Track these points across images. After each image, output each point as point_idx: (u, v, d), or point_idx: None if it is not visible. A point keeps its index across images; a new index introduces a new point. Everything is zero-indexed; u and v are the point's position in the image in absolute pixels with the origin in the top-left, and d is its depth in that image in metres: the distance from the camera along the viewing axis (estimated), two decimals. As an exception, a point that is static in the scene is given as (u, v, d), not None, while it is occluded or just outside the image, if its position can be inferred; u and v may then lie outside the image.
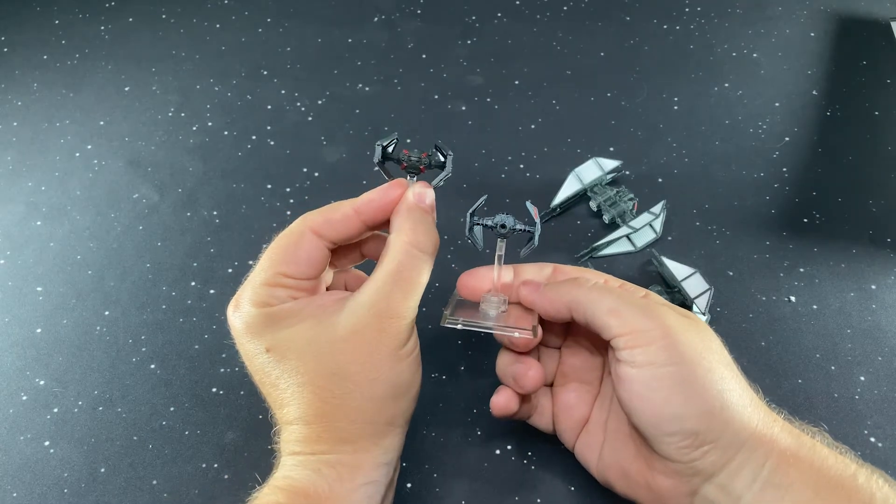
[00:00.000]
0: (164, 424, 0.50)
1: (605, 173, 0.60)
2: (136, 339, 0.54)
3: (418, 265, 0.38)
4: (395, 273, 0.37)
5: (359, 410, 0.36)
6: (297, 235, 0.39)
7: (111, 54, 0.73)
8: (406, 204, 0.39)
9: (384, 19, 0.76)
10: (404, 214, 0.39)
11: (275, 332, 0.37)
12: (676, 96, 0.69)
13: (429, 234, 0.38)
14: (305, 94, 0.69)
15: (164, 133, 0.67)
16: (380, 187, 0.40)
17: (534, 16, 0.76)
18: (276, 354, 0.36)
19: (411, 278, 0.37)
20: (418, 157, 0.40)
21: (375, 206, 0.39)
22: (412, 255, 0.37)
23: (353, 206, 0.39)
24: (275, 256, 0.39)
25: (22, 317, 0.56)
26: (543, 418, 0.45)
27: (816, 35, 0.74)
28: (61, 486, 0.48)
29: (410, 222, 0.38)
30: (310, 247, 0.39)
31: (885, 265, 0.58)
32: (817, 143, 0.65)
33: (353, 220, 0.39)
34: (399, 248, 0.38)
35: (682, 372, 0.35)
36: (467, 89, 0.70)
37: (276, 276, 0.38)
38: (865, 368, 0.52)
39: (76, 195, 0.63)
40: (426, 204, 0.40)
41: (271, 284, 0.38)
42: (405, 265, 0.37)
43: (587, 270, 0.44)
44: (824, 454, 0.35)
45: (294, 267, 0.38)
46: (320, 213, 0.40)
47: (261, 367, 0.37)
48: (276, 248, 0.39)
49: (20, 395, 0.52)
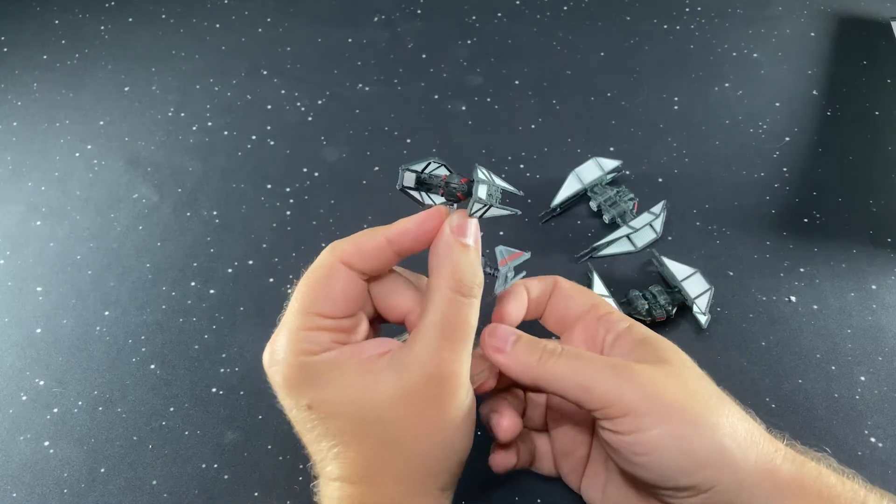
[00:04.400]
0: (163, 424, 0.50)
1: (606, 173, 0.60)
2: (135, 339, 0.54)
3: (464, 312, 0.34)
4: (440, 326, 0.33)
5: (407, 474, 0.34)
6: (327, 269, 0.35)
7: (111, 54, 0.73)
8: (444, 240, 0.34)
9: (384, 19, 0.76)
10: (443, 253, 0.34)
11: (317, 387, 0.33)
12: (676, 96, 0.69)
13: (472, 272, 0.34)
14: (305, 94, 0.69)
15: (164, 133, 0.67)
16: (416, 216, 0.35)
17: (534, 16, 0.76)
18: (318, 413, 0.33)
19: (458, 329, 0.34)
20: (458, 184, 0.35)
21: (412, 238, 0.35)
22: (456, 303, 0.34)
23: (385, 237, 0.35)
24: (308, 295, 0.35)
25: (22, 317, 0.56)
26: (545, 463, 0.44)
27: (816, 35, 0.74)
28: (61, 486, 0.48)
29: (450, 263, 0.34)
30: (344, 281, 0.35)
31: (886, 265, 0.58)
32: (817, 143, 0.65)
33: (385, 251, 0.35)
34: (441, 295, 0.33)
35: (670, 432, 0.33)
36: (467, 89, 0.70)
37: (312, 317, 0.34)
38: (866, 368, 0.52)
39: (76, 195, 0.63)
40: (467, 238, 0.34)
41: (309, 328, 0.34)
42: (450, 316, 0.33)
43: (585, 291, 0.42)
44: (831, 482, 0.34)
45: (330, 305, 0.34)
46: (351, 242, 0.35)
47: (301, 422, 0.34)
48: (307, 285, 0.35)
49: (20, 395, 0.52)
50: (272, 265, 0.57)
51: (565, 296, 0.41)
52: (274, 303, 0.53)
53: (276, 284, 0.56)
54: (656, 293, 0.54)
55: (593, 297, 0.41)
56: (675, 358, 0.36)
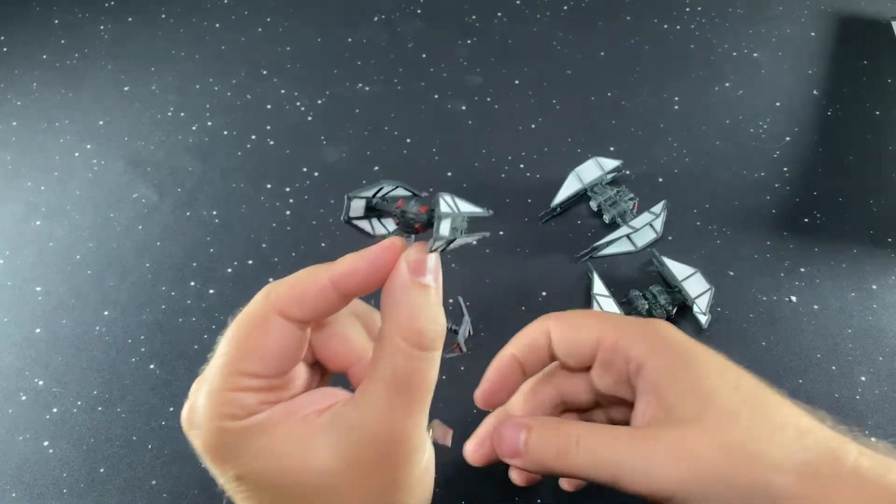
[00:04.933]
0: (163, 424, 0.50)
1: (606, 173, 0.60)
2: (135, 339, 0.54)
3: (421, 369, 0.28)
4: (392, 384, 0.28)
5: None
6: (259, 319, 0.29)
7: (111, 54, 0.73)
8: (399, 280, 0.28)
9: (384, 19, 0.76)
10: (398, 296, 0.28)
11: (243, 458, 0.28)
12: (677, 96, 0.69)
13: (432, 320, 0.28)
14: (305, 94, 0.69)
15: (164, 133, 0.67)
16: (365, 252, 0.29)
17: (534, 15, 0.76)
18: (248, 485, 0.28)
19: (414, 387, 0.28)
20: (416, 213, 0.29)
21: (361, 279, 0.28)
22: (412, 357, 0.28)
23: (330, 278, 0.29)
24: (234, 351, 0.29)
25: (21, 317, 0.56)
26: None
27: (817, 35, 0.74)
28: (60, 486, 0.47)
29: (406, 308, 0.28)
30: (278, 335, 0.29)
31: (886, 265, 0.58)
32: (818, 143, 0.65)
33: (329, 295, 0.29)
34: (394, 347, 0.28)
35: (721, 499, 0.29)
36: (467, 89, 0.70)
37: (237, 377, 0.28)
38: (866, 368, 0.52)
39: (75, 195, 0.63)
40: (426, 277, 0.28)
41: (233, 389, 0.28)
42: (405, 373, 0.28)
43: (583, 325, 0.37)
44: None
45: (260, 363, 0.29)
46: (289, 286, 0.29)
47: (231, 491, 0.29)
48: (236, 336, 0.29)
49: (19, 395, 0.52)
50: (272, 265, 0.57)
51: (565, 339, 0.36)
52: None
53: (275, 284, 0.56)
54: (656, 293, 0.54)
55: (595, 328, 0.36)
56: (699, 394, 0.32)
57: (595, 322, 0.36)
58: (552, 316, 0.38)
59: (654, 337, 0.34)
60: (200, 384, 0.29)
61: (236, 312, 0.30)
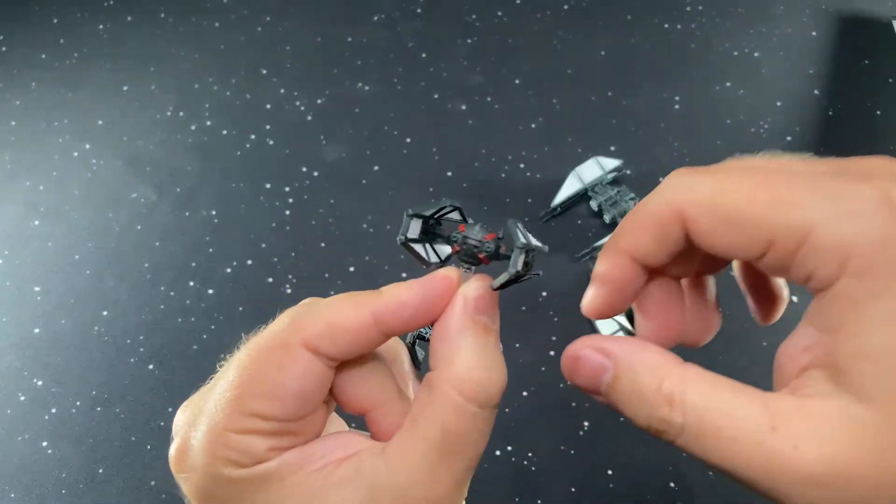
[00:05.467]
0: (162, 425, 0.50)
1: (606, 172, 0.60)
2: (134, 339, 0.54)
3: (476, 428, 0.23)
4: (438, 445, 0.23)
5: None
6: (282, 351, 0.24)
7: (110, 53, 0.73)
8: (456, 319, 0.24)
9: (384, 19, 0.75)
10: (455, 337, 0.24)
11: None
12: (677, 95, 0.69)
13: (492, 370, 0.24)
14: (305, 94, 0.69)
15: (163, 132, 0.67)
16: (416, 283, 0.24)
17: (534, 15, 0.76)
18: None
19: (463, 450, 0.23)
20: (480, 241, 0.25)
21: (408, 317, 0.24)
22: (465, 414, 0.23)
23: (372, 312, 0.24)
24: (248, 383, 0.23)
25: (20, 317, 0.55)
26: None
27: (818, 35, 0.74)
28: (59, 486, 0.47)
29: (463, 352, 0.24)
30: (302, 371, 0.24)
31: (887, 265, 0.57)
32: (818, 143, 0.65)
33: (369, 332, 0.24)
34: (445, 400, 0.23)
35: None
36: (467, 89, 0.69)
37: (247, 417, 0.23)
38: (867, 369, 0.52)
39: (74, 195, 0.63)
40: (487, 316, 0.24)
41: (240, 431, 0.23)
42: (455, 430, 0.23)
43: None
44: None
45: (277, 404, 0.23)
46: (321, 318, 0.24)
47: None
48: (249, 368, 0.24)
49: (18, 395, 0.52)
50: (271, 265, 0.57)
51: (726, 233, 0.20)
52: (273, 303, 0.53)
53: (275, 284, 0.56)
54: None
55: (785, 214, 0.19)
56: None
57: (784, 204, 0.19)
58: (685, 186, 0.21)
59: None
60: (195, 416, 0.24)
61: (257, 330, 0.25)
